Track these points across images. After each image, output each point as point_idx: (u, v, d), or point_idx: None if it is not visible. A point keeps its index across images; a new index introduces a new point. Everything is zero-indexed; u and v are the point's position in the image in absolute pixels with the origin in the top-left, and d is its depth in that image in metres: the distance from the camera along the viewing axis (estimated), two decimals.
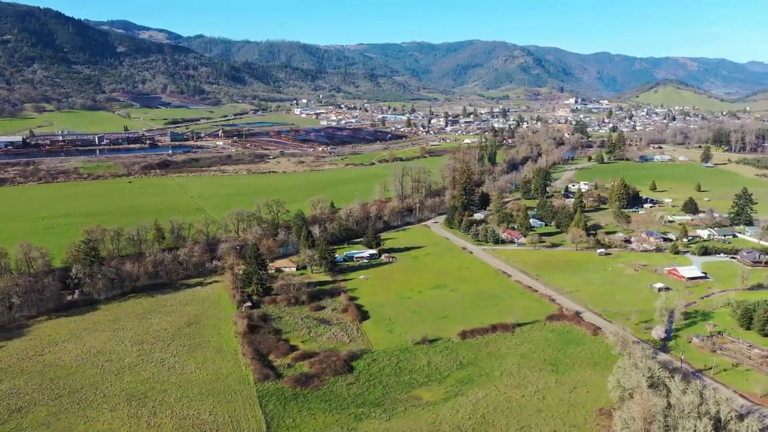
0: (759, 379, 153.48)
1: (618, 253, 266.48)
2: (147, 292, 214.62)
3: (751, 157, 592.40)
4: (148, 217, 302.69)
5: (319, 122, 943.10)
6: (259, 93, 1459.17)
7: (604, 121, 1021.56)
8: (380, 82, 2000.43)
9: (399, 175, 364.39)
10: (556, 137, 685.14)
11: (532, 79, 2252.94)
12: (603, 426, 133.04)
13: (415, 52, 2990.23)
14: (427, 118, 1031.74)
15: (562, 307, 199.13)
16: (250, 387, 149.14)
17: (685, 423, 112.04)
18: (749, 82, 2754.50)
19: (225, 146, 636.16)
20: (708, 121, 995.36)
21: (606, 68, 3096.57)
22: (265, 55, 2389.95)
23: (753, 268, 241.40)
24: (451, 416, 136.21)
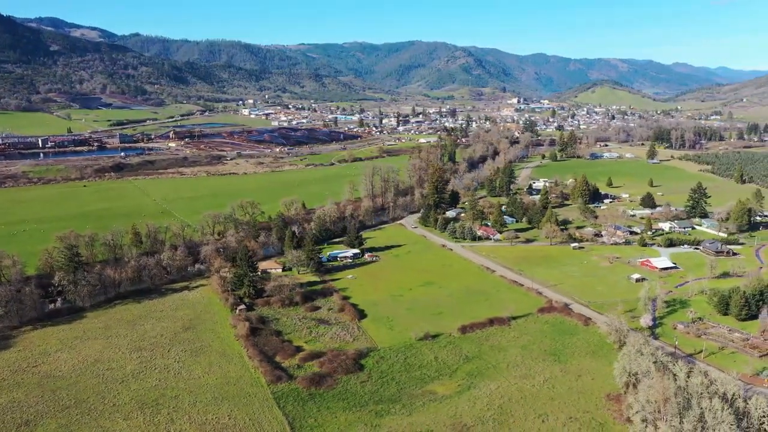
0: (745, 360, 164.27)
1: (590, 247, 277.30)
2: (133, 298, 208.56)
3: (691, 153, 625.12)
4: (112, 222, 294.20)
5: (270, 123, 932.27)
6: (203, 93, 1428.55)
7: (549, 120, 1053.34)
8: (325, 82, 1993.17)
9: (369, 175, 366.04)
10: (508, 136, 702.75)
11: (474, 80, 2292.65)
12: (613, 410, 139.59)
13: (357, 53, 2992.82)
14: (378, 118, 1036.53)
15: (551, 300, 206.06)
16: (264, 389, 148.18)
17: (701, 402, 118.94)
18: (674, 82, 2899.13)
19: (178, 148, 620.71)
20: (645, 119, 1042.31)
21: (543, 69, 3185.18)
22: (206, 54, 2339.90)
23: (717, 258, 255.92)
24: (470, 409, 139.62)
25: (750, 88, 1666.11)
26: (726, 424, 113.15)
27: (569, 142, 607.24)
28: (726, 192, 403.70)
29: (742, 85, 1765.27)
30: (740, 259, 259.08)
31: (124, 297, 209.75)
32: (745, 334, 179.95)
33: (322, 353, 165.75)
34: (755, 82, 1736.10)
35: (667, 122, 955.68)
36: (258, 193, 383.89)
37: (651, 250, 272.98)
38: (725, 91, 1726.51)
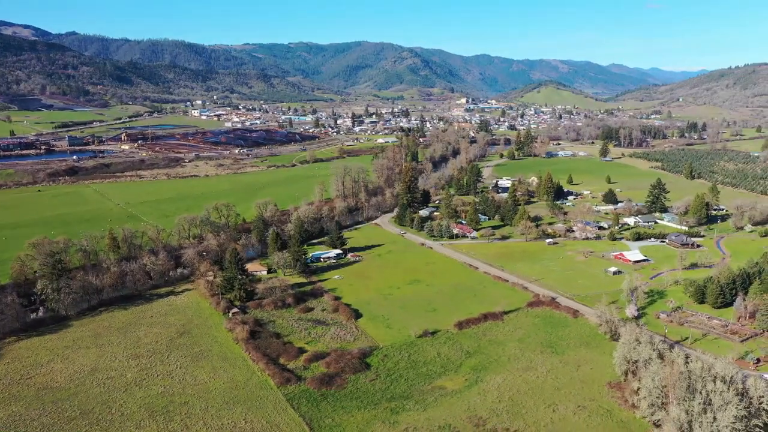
0: (728, 345, 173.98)
1: (564, 242, 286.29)
2: (118, 305, 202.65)
3: (640, 151, 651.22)
4: (78, 228, 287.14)
5: (223, 124, 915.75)
6: (149, 94, 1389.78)
7: (500, 120, 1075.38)
8: (274, 82, 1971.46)
9: (341, 176, 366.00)
10: (464, 136, 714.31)
11: (422, 80, 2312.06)
12: (617, 397, 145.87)
13: (303, 53, 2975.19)
14: (333, 118, 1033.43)
15: (538, 295, 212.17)
16: (274, 391, 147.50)
17: (706, 385, 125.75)
18: (611, 83, 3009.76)
19: (132, 150, 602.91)
20: (591, 119, 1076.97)
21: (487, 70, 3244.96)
22: (148, 54, 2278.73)
23: (683, 250, 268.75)
24: (482, 402, 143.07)
25: (685, 88, 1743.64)
26: (732, 404, 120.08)
27: (526, 141, 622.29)
28: (679, 187, 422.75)
29: (677, 86, 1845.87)
30: (704, 250, 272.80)
31: (109, 304, 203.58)
32: (723, 320, 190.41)
33: (325, 354, 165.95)
34: (689, 82, 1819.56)
35: (612, 121, 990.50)
36: (224, 195, 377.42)
37: (621, 244, 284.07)
38: (662, 91, 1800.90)
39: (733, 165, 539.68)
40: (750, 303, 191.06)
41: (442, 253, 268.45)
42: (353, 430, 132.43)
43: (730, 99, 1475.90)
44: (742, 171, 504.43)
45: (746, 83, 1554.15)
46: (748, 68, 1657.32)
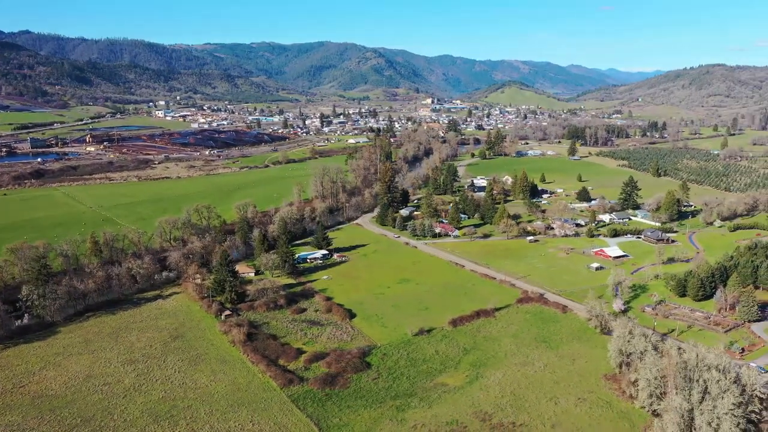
0: (713, 336, 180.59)
1: (544, 240, 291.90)
2: (105, 310, 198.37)
3: (606, 150, 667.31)
4: (51, 232, 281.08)
5: (190, 125, 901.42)
6: (109, 95, 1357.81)
7: (467, 120, 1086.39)
8: (237, 83, 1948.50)
9: (320, 176, 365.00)
10: (434, 136, 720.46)
11: (386, 80, 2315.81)
12: (614, 389, 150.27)
13: (266, 53, 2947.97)
14: (301, 119, 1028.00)
15: (527, 291, 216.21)
16: (278, 393, 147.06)
17: (703, 374, 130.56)
18: (571, 83, 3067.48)
19: (99, 152, 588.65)
20: (555, 118, 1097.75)
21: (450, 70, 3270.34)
22: (106, 54, 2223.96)
23: (659, 245, 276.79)
24: (485, 397, 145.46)
25: (643, 88, 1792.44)
26: (730, 392, 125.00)
27: (496, 141, 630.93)
28: (647, 185, 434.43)
29: (636, 86, 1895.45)
30: (679, 245, 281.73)
31: (95, 309, 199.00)
32: (705, 312, 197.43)
33: (325, 354, 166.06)
34: (647, 83, 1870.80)
35: (576, 121, 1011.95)
36: (200, 197, 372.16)
37: (599, 240, 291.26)
38: (621, 92, 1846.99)
39: (695, 163, 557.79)
40: (730, 295, 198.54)
41: (427, 252, 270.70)
42: (362, 428, 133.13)
43: (686, 99, 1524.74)
44: (704, 168, 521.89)
45: (701, 84, 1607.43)
46: (703, 69, 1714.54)
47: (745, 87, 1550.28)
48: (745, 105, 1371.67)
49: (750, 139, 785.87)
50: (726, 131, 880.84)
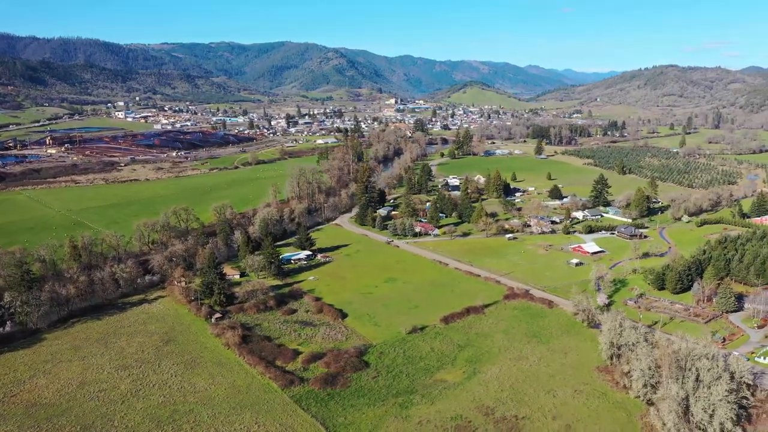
0: (695, 327, 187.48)
1: (522, 237, 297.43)
2: (89, 316, 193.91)
3: (571, 149, 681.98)
4: (21, 237, 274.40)
5: (152, 126, 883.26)
6: (66, 95, 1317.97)
7: (432, 120, 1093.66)
8: (198, 83, 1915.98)
9: (296, 177, 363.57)
10: (402, 136, 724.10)
11: (348, 81, 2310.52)
12: (607, 380, 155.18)
13: (225, 53, 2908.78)
14: (266, 119, 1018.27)
15: (512, 288, 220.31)
16: (279, 394, 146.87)
17: (696, 364, 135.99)
18: (529, 83, 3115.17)
19: (61, 154, 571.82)
20: (518, 118, 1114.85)
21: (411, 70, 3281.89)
22: (60, 53, 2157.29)
23: (633, 241, 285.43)
24: (485, 392, 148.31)
25: (600, 88, 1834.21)
26: (723, 379, 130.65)
27: (465, 141, 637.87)
28: (613, 182, 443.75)
29: (593, 86, 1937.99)
30: (651, 240, 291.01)
31: (79, 315, 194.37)
32: (685, 305, 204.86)
33: (322, 354, 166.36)
34: (604, 83, 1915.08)
35: (539, 120, 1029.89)
36: (172, 199, 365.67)
37: (576, 237, 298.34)
38: (579, 92, 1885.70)
39: (657, 161, 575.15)
40: (707, 288, 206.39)
41: (409, 251, 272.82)
42: (367, 426, 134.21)
43: (642, 99, 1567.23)
44: (666, 166, 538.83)
45: (656, 84, 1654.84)
46: (657, 69, 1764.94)
47: (697, 87, 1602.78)
48: (698, 105, 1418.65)
49: (705, 137, 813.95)
50: (682, 130, 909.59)
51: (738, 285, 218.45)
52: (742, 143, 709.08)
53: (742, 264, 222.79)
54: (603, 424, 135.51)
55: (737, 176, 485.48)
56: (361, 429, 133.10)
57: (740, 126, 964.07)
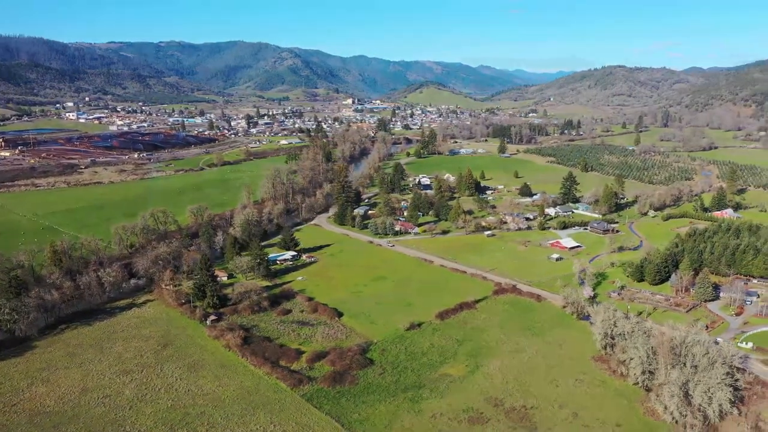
0: (677, 316, 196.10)
1: (500, 234, 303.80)
2: (79, 321, 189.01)
3: (532, 147, 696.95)
4: None
5: (107, 127, 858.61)
6: (11, 96, 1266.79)
7: (392, 120, 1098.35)
8: (149, 83, 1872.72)
9: (272, 177, 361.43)
10: (366, 135, 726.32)
11: (304, 81, 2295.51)
12: (604, 368, 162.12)
13: (176, 52, 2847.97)
14: (225, 120, 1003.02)
15: (500, 283, 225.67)
16: (289, 394, 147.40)
17: (692, 350, 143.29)
18: (482, 83, 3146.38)
19: (16, 157, 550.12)
20: (476, 117, 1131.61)
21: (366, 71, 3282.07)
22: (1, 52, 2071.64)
23: (606, 236, 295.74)
24: (491, 385, 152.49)
25: (552, 88, 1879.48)
26: (719, 364, 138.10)
27: (430, 140, 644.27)
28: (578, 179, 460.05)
29: (546, 86, 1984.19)
30: (623, 234, 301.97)
31: (68, 321, 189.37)
32: (665, 295, 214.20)
33: (325, 353, 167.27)
34: (556, 83, 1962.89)
35: (497, 120, 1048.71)
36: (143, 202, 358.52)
37: (551, 232, 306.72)
38: (533, 91, 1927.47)
39: (615, 158, 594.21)
40: (685, 278, 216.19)
41: (393, 250, 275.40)
42: (382, 422, 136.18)
43: (593, 98, 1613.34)
44: (625, 163, 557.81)
45: (605, 84, 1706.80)
46: (606, 70, 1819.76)
47: (644, 87, 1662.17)
48: (646, 104, 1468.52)
49: (657, 135, 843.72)
50: (634, 128, 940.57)
51: (711, 275, 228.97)
52: (692, 141, 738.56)
53: (714, 255, 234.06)
54: (607, 410, 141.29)
55: (692, 173, 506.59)
56: (377, 424, 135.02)
57: (687, 124, 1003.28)
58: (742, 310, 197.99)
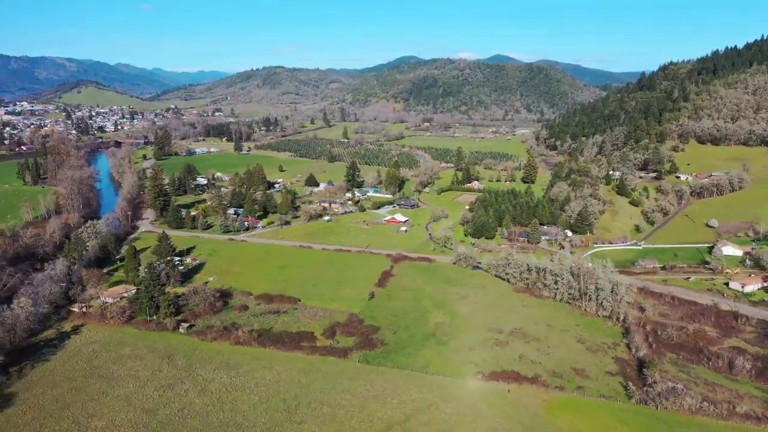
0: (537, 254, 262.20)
1: (336, 218, 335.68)
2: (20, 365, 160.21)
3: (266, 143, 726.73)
4: None
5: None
6: None
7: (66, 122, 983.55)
8: None
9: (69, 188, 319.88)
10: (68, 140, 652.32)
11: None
12: (530, 296, 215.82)
13: None
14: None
15: (390, 254, 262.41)
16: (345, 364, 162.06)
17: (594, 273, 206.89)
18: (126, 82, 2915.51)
19: None
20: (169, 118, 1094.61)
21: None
22: None
23: (415, 210, 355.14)
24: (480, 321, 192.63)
25: (221, 87, 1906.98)
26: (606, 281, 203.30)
27: (165, 141, 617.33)
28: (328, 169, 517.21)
29: (213, 85, 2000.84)
30: (426, 207, 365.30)
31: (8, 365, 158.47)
32: (509, 244, 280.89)
33: (332, 329, 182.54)
34: (224, 82, 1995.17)
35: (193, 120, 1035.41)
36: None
37: (372, 212, 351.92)
38: (201, 91, 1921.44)
39: (343, 149, 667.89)
40: (510, 231, 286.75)
41: (264, 243, 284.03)
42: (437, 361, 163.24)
43: (266, 97, 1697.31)
44: (356, 153, 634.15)
45: (273, 83, 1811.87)
46: (269, 70, 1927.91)
47: (307, 86, 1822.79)
48: (315, 102, 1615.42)
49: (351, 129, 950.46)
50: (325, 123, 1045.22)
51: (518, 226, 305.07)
52: (383, 133, 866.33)
53: (517, 211, 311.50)
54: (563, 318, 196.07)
55: (413, 156, 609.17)
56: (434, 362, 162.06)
57: (359, 118, 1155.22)
58: (563, 246, 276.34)
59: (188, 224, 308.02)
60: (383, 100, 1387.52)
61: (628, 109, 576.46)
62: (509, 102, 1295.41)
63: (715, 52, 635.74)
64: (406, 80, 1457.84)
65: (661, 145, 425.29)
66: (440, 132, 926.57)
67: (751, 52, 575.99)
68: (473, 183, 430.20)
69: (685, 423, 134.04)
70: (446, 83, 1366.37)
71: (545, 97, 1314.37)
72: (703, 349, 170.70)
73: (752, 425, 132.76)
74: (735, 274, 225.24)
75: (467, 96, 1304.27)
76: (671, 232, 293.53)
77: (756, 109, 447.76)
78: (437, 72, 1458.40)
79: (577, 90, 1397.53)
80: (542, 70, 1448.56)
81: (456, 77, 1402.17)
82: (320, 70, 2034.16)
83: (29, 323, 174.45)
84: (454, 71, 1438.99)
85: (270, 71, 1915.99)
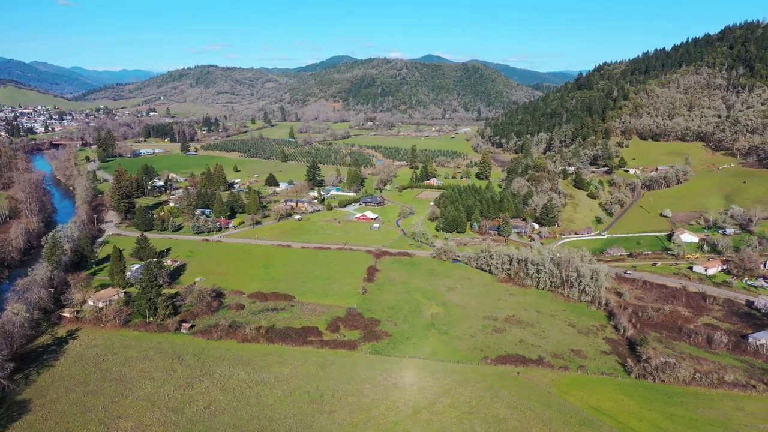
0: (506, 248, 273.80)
1: (306, 217, 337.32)
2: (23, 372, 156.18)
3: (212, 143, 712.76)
4: None
5: None
6: None
7: None
8: None
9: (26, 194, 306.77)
10: None
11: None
12: (512, 285, 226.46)
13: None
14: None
15: (371, 250, 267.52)
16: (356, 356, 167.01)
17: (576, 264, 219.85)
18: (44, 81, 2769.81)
19: None
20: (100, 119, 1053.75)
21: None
22: None
23: (383, 207, 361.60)
24: (472, 310, 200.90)
25: (152, 87, 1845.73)
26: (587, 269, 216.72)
27: (108, 142, 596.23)
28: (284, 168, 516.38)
29: (143, 84, 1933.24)
30: (392, 204, 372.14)
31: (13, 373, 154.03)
32: (481, 237, 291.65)
33: (335, 324, 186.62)
34: (155, 81, 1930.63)
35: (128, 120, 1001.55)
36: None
37: (340, 211, 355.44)
38: (130, 90, 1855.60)
39: (293, 148, 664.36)
40: (482, 225, 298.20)
41: (240, 243, 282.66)
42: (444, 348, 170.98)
43: (200, 96, 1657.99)
44: (308, 152, 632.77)
45: (207, 83, 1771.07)
46: (202, 69, 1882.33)
47: (243, 86, 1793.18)
48: (252, 101, 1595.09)
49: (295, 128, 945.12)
50: (267, 123, 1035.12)
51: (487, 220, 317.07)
52: (329, 132, 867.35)
53: (483, 205, 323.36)
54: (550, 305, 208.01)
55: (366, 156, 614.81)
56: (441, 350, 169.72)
57: (300, 118, 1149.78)
58: (533, 238, 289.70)
59: (158, 226, 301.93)
60: (322, 100, 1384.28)
61: (569, 107, 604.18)
62: (447, 101, 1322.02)
63: (646, 54, 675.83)
64: (344, 80, 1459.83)
65: (607, 142, 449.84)
66: (385, 131, 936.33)
67: (679, 53, 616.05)
68: (432, 180, 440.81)
69: (682, 393, 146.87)
70: (384, 83, 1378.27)
71: (481, 96, 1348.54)
72: (682, 327, 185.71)
73: (740, 392, 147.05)
74: (696, 259, 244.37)
75: (406, 95, 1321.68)
76: (630, 222, 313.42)
77: (689, 106, 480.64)
78: (375, 71, 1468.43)
79: (512, 89, 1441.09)
80: (477, 70, 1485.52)
81: (393, 77, 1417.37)
82: (254, 69, 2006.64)
83: (25, 329, 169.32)
84: (392, 71, 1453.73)
85: (203, 70, 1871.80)
